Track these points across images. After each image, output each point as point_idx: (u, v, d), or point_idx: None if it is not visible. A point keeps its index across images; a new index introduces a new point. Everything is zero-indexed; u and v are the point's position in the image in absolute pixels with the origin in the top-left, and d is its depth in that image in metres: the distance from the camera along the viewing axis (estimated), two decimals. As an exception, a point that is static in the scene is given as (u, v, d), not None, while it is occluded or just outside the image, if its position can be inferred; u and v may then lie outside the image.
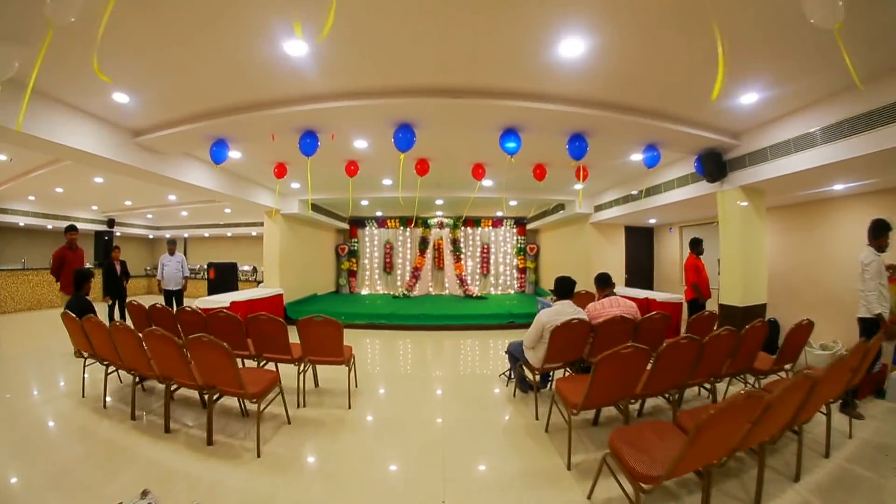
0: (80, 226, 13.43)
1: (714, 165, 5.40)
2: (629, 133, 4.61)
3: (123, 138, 4.79)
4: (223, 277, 9.56)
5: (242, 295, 7.75)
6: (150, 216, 14.59)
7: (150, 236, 16.88)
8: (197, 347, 3.12)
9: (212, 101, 4.01)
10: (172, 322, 4.95)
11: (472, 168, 6.01)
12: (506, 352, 4.57)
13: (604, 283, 4.32)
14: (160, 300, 7.99)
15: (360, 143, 5.12)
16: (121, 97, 3.85)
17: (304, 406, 4.10)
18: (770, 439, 2.61)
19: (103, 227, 13.87)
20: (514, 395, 4.39)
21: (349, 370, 4.15)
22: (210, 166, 6.53)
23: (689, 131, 4.66)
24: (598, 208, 9.13)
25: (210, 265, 9.80)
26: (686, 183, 6.40)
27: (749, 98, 3.89)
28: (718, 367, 3.57)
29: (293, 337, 4.15)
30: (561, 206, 9.88)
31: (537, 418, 3.80)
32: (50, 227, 12.28)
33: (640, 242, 10.54)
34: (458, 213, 12.49)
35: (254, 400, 3.16)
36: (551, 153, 5.65)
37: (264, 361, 4.33)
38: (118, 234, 14.75)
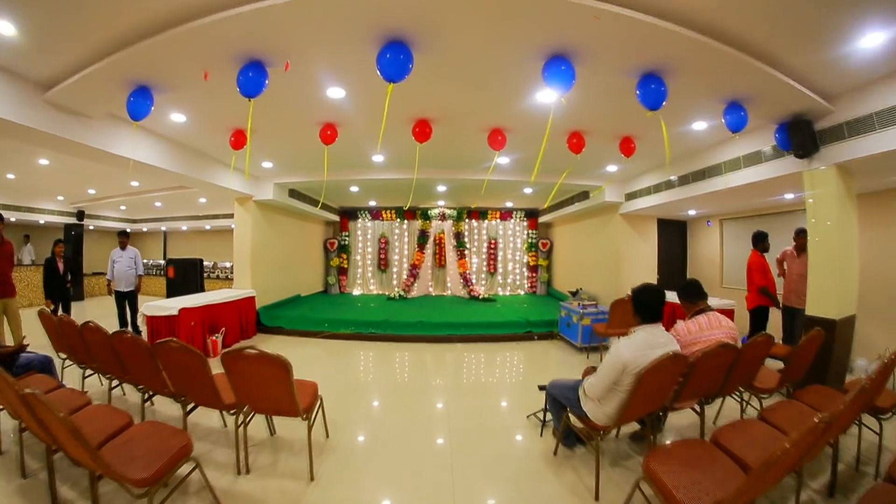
0: (47, 218, 12.39)
1: (804, 136, 4.10)
2: (718, 77, 3.27)
3: (29, 94, 3.60)
4: (184, 276, 8.20)
5: (202, 298, 6.39)
6: (123, 207, 13.21)
7: (128, 230, 15.27)
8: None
9: (114, 22, 2.66)
10: (77, 339, 3.60)
11: (488, 134, 4.64)
12: (545, 391, 3.23)
13: (695, 295, 2.97)
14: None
15: (336, 92, 3.74)
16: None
17: (248, 472, 2.76)
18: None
19: (73, 220, 12.59)
20: (556, 452, 3.05)
21: (309, 424, 2.77)
22: (154, 137, 5.19)
23: (788, 81, 3.37)
24: (631, 197, 7.78)
25: (168, 262, 8.44)
26: (757, 161, 5.07)
27: (873, 40, 2.65)
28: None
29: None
30: (584, 195, 8.52)
31: (597, 498, 2.47)
32: (14, 219, 11.00)
33: (671, 238, 9.20)
34: (463, 205, 11.14)
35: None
36: (597, 114, 4.30)
37: (191, 405, 2.98)
38: (91, 227, 13.59)
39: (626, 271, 8.20)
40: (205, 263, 13.10)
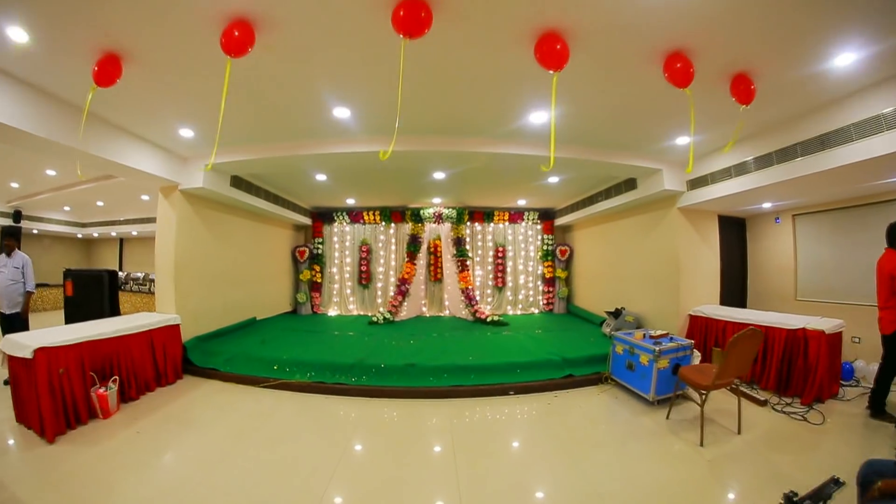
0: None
1: None
2: None
3: None
4: (86, 294, 6.00)
5: (89, 330, 4.31)
6: (67, 208, 11.34)
7: (79, 235, 13.45)
8: None
9: None
10: None
11: (536, 42, 2.60)
12: (859, 483, 1.21)
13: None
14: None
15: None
16: None
17: None
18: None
19: (9, 221, 10.82)
20: None
21: None
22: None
23: None
24: (697, 184, 5.82)
25: (67, 274, 6.24)
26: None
27: None
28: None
29: None
30: (627, 185, 6.55)
31: None
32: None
33: (727, 240, 7.26)
34: (465, 203, 9.10)
35: None
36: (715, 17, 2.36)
37: None
38: (35, 231, 11.90)
39: (686, 284, 6.22)
40: (137, 275, 11.13)
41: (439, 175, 6.27)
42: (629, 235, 7.40)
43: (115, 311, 6.72)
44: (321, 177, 6.44)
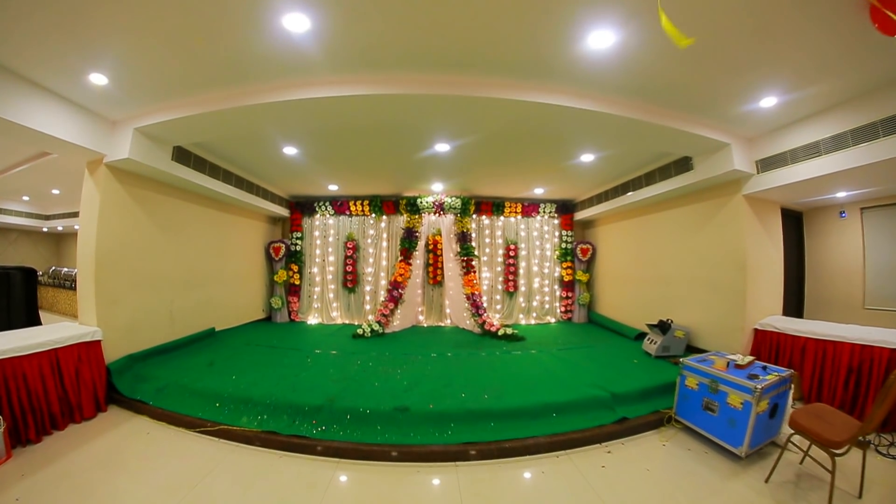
0: None
1: None
2: None
3: None
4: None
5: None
6: (26, 198, 10.27)
7: (44, 229, 12.28)
8: None
9: None
10: None
11: None
12: None
13: None
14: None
15: None
16: None
17: None
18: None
19: None
20: None
21: None
22: None
23: None
24: (770, 164, 4.73)
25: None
26: None
27: None
28: None
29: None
30: (683, 165, 5.39)
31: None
32: None
33: (785, 237, 6.14)
34: (471, 192, 7.90)
35: None
36: None
37: None
38: None
39: (754, 290, 5.11)
40: (73, 272, 9.89)
41: (442, 147, 5.02)
42: (675, 230, 6.23)
43: (32, 319, 5.54)
44: (290, 150, 5.21)
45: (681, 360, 3.71)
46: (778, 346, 4.77)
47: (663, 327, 5.41)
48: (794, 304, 6.15)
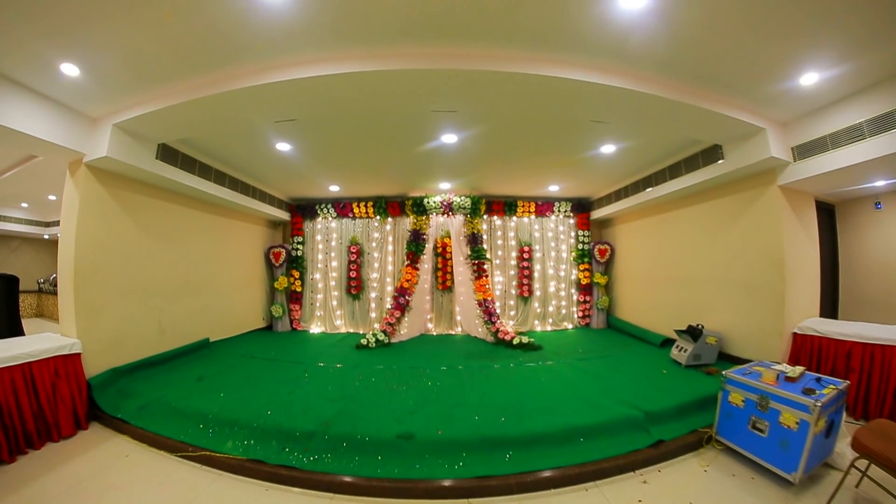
0: None
1: None
2: None
3: None
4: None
5: None
6: (24, 205, 10.23)
7: (45, 236, 12.23)
8: None
9: None
10: None
11: None
12: None
13: None
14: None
15: None
16: None
17: None
18: None
19: None
20: None
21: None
22: None
23: None
24: (808, 150, 4.38)
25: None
26: None
27: None
28: None
29: None
30: (711, 155, 5.02)
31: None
32: None
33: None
34: (482, 191, 7.58)
35: None
36: None
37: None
38: None
39: (793, 291, 4.72)
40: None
41: (449, 138, 4.69)
42: (702, 227, 5.84)
43: (14, 329, 5.34)
44: (283, 146, 4.94)
45: (723, 372, 3.33)
46: (820, 352, 4.39)
47: (694, 333, 5.02)
48: (828, 305, 5.73)
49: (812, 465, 2.84)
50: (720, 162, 4.88)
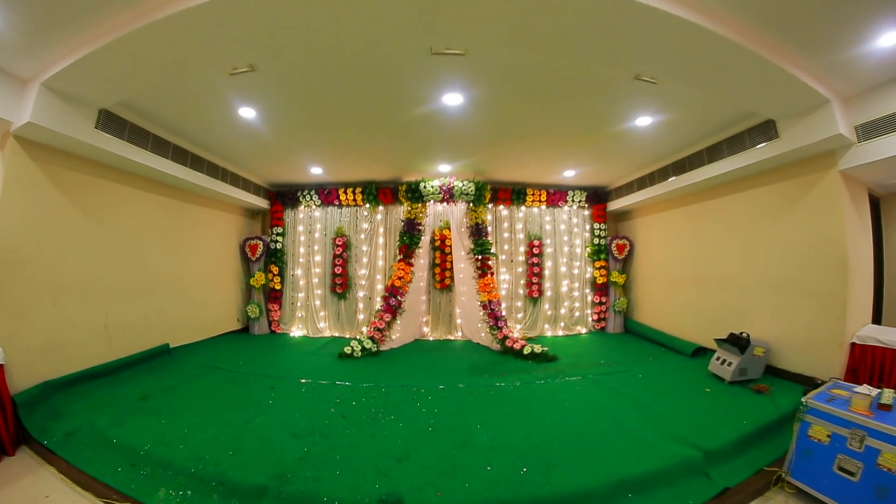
0: None
1: None
2: None
3: None
4: None
5: None
6: None
7: None
8: None
9: None
10: None
11: None
12: None
13: None
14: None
15: None
16: None
17: None
18: None
19: None
20: None
21: None
22: None
23: None
24: (875, 129, 3.90)
25: None
26: None
27: None
28: None
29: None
30: (763, 133, 4.47)
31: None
32: None
33: None
34: (486, 175, 7.02)
35: None
36: None
37: None
38: None
39: (854, 294, 4.25)
40: None
41: (452, 99, 4.06)
42: (744, 219, 5.33)
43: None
44: (247, 111, 4.31)
45: (803, 400, 2.77)
46: (882, 367, 3.90)
47: (739, 344, 4.48)
48: (873, 310, 5.27)
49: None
50: (774, 141, 4.32)
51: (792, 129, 4.17)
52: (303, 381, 4.70)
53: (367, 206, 7.50)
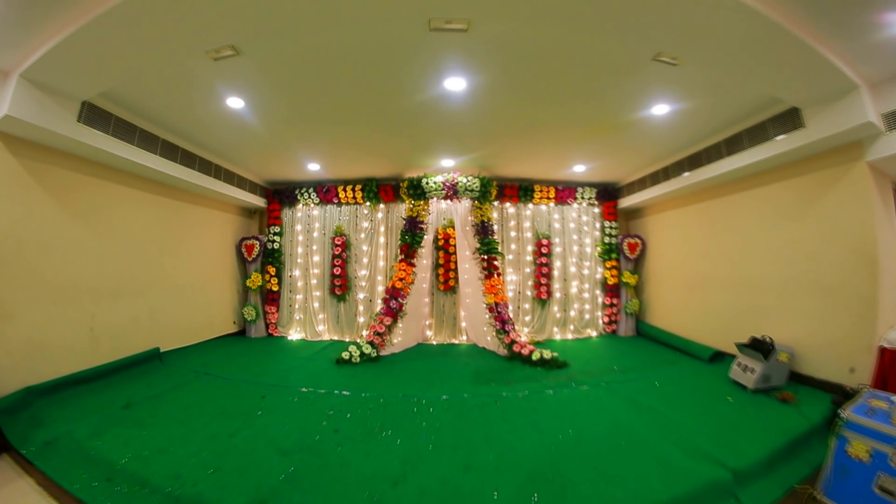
0: None
1: None
2: None
3: None
4: None
5: None
6: None
7: None
8: None
9: None
10: None
11: None
12: None
13: None
14: None
15: None
16: None
17: None
18: None
19: None
20: None
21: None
22: None
23: None
24: None
25: None
26: None
27: None
28: None
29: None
30: (786, 122, 4.27)
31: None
32: None
33: None
34: (493, 171, 6.86)
35: None
36: None
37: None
38: None
39: (885, 295, 4.00)
40: None
41: (455, 84, 3.87)
42: (764, 215, 5.13)
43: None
44: (235, 101, 4.16)
45: (841, 414, 2.58)
46: None
47: (762, 348, 4.27)
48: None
49: None
50: (800, 130, 4.12)
51: (816, 117, 3.98)
52: (296, 389, 4.51)
53: (368, 203, 7.34)
